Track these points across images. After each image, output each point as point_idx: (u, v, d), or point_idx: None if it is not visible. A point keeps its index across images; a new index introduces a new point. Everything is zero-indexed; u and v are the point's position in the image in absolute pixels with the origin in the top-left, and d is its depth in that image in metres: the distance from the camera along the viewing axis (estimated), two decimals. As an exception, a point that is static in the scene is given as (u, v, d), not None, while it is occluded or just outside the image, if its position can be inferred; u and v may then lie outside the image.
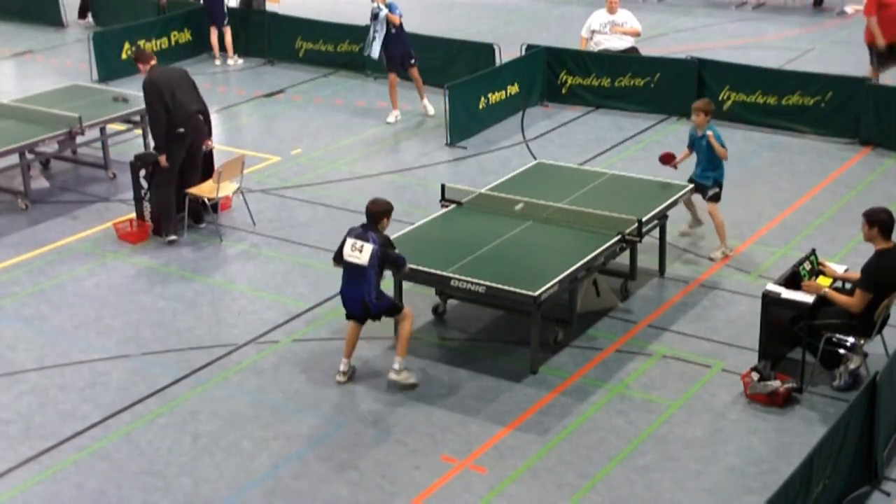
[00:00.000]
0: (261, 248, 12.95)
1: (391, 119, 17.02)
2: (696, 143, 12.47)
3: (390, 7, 16.62)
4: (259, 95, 18.57)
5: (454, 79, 16.63)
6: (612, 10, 17.44)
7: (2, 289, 12.13)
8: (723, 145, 12.27)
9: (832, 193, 14.06)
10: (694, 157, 12.57)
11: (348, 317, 10.04)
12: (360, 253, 9.62)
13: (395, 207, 13.64)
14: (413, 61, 16.84)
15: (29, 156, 14.38)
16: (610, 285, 11.46)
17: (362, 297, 9.72)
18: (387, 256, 9.72)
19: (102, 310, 11.61)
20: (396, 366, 9.90)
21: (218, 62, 20.37)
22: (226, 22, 20.16)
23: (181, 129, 12.84)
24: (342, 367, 10.16)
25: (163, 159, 12.82)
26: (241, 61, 20.27)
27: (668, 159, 12.80)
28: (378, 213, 9.84)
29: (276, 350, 10.79)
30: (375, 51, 16.86)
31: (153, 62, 13.03)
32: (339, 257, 9.89)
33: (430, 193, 13.85)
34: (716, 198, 12.37)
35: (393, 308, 9.96)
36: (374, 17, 16.67)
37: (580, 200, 11.73)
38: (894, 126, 15.29)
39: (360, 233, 9.75)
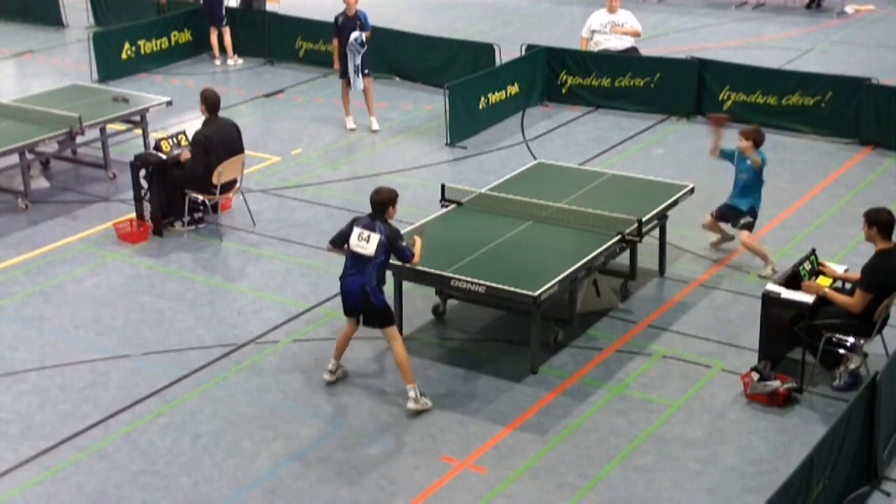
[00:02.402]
0: (261, 248, 12.95)
1: (352, 125, 16.76)
2: (737, 165, 12.04)
3: (365, 23, 16.17)
4: (259, 95, 18.57)
5: (454, 79, 16.62)
6: (612, 11, 17.44)
7: (2, 289, 12.12)
8: (760, 176, 11.86)
9: (832, 193, 14.07)
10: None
11: (346, 312, 9.91)
12: (367, 243, 9.49)
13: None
14: (367, 71, 16.43)
15: (29, 156, 14.38)
16: (610, 285, 11.46)
17: (363, 283, 9.50)
18: (393, 249, 9.63)
19: (102, 310, 11.61)
20: (412, 394, 9.60)
21: (218, 62, 20.37)
22: (225, 22, 20.15)
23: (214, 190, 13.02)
24: (330, 367, 10.12)
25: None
26: (240, 61, 20.26)
27: (719, 120, 12.32)
28: (382, 202, 9.63)
29: (276, 350, 10.79)
30: (360, 82, 16.40)
31: (214, 113, 13.02)
32: (337, 241, 9.80)
33: (430, 193, 13.85)
34: (748, 227, 11.91)
35: (388, 312, 9.70)
36: (361, 45, 16.09)
37: (580, 200, 11.73)
38: (894, 126, 15.29)
39: (368, 223, 9.62)
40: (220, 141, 12.94)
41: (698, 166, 14.64)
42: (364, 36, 16.07)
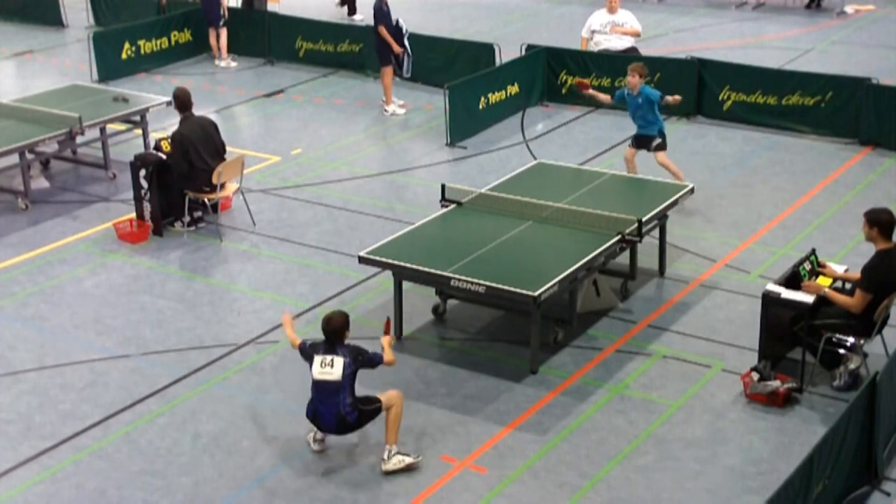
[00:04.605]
0: (261, 248, 12.95)
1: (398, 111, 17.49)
2: (629, 103, 13.56)
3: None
4: (259, 95, 18.57)
5: (454, 79, 16.63)
6: (612, 11, 17.44)
7: (2, 289, 12.12)
8: (660, 97, 13.31)
9: (832, 193, 14.06)
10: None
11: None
12: (332, 368, 8.72)
13: (394, 207, 13.76)
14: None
15: (29, 156, 14.38)
16: (610, 285, 11.46)
17: (337, 412, 8.78)
18: (363, 364, 8.84)
19: (102, 310, 11.61)
20: (385, 454, 8.93)
21: (217, 63, 20.34)
22: (221, 23, 20.03)
23: (206, 188, 13.01)
24: (318, 435, 9.21)
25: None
26: (234, 63, 20.10)
27: (582, 86, 14.29)
28: (336, 329, 8.83)
29: (276, 350, 10.78)
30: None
31: (189, 112, 13.10)
32: (304, 356, 9.02)
33: (430, 193, 13.85)
34: (661, 147, 13.51)
35: (369, 414, 8.93)
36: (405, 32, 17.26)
37: (580, 200, 11.73)
38: (894, 126, 15.29)
39: (327, 348, 8.83)
40: (198, 137, 12.97)
41: (698, 166, 14.65)
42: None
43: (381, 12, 17.01)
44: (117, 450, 9.30)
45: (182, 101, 13.13)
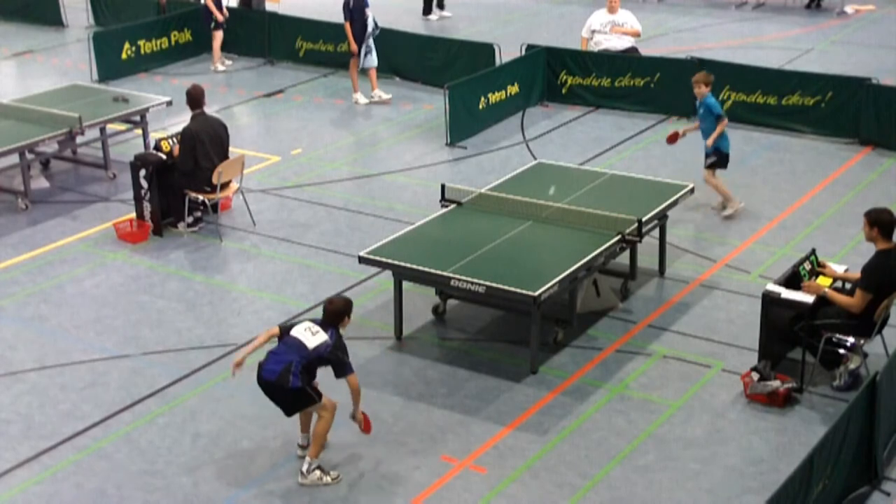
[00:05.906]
0: (261, 248, 12.95)
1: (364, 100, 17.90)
2: (698, 113, 13.38)
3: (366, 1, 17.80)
4: (259, 95, 18.56)
5: (454, 79, 16.62)
6: (612, 11, 17.44)
7: (2, 289, 12.12)
8: (720, 114, 13.01)
9: (832, 193, 14.07)
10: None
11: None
12: (314, 336, 8.61)
13: (394, 207, 13.75)
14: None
15: (29, 156, 14.38)
16: (610, 285, 11.46)
17: (284, 367, 8.55)
18: (334, 360, 8.65)
19: (102, 310, 11.61)
20: (304, 467, 8.81)
21: (211, 68, 20.20)
22: (213, 27, 19.87)
23: (207, 187, 13.02)
24: (301, 441, 9.20)
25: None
26: (221, 67, 19.94)
27: (672, 139, 13.66)
28: (335, 311, 8.72)
29: (276, 350, 10.77)
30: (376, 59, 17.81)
31: (201, 110, 13.13)
32: (284, 328, 8.84)
33: (430, 193, 13.85)
34: (713, 166, 13.19)
35: (310, 398, 8.75)
36: (377, 26, 17.65)
37: (580, 200, 11.73)
38: (894, 126, 15.29)
39: (321, 321, 8.75)
40: (208, 136, 12.98)
41: (698, 166, 14.62)
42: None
43: (347, 8, 17.52)
44: (117, 450, 9.30)
45: (194, 99, 13.14)
